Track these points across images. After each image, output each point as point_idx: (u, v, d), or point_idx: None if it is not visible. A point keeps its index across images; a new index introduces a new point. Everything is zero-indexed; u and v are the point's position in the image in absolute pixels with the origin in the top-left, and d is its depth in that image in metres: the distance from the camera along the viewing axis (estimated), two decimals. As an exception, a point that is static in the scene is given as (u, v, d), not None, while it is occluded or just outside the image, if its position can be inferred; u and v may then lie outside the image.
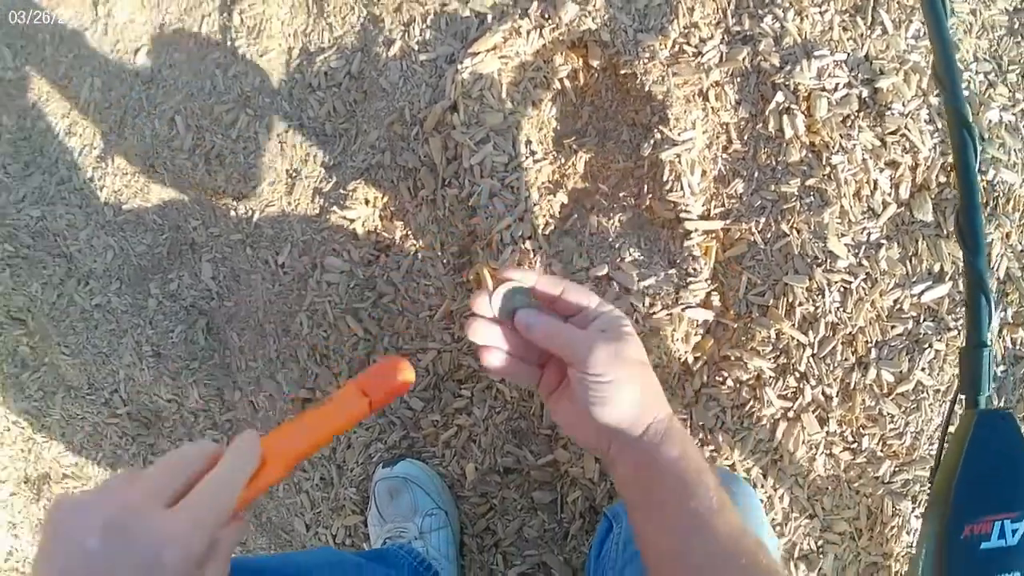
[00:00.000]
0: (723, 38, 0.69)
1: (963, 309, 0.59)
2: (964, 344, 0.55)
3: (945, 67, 0.48)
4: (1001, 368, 0.69)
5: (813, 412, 0.68)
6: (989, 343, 0.54)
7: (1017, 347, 0.69)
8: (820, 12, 0.66)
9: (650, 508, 0.39)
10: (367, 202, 0.76)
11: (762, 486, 0.71)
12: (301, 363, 0.81)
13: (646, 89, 0.69)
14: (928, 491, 0.62)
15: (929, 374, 0.67)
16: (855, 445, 0.69)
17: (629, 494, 0.40)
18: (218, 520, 0.32)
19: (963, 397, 0.56)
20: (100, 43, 0.93)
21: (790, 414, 0.68)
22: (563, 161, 0.74)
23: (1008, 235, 0.68)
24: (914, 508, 0.69)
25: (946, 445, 0.56)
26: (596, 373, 0.38)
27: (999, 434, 0.53)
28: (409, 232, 0.75)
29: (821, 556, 0.71)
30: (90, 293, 0.93)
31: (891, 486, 0.69)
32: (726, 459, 0.69)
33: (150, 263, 0.89)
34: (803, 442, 0.69)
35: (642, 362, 0.40)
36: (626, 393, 0.39)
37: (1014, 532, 0.53)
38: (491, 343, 0.42)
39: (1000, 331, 0.69)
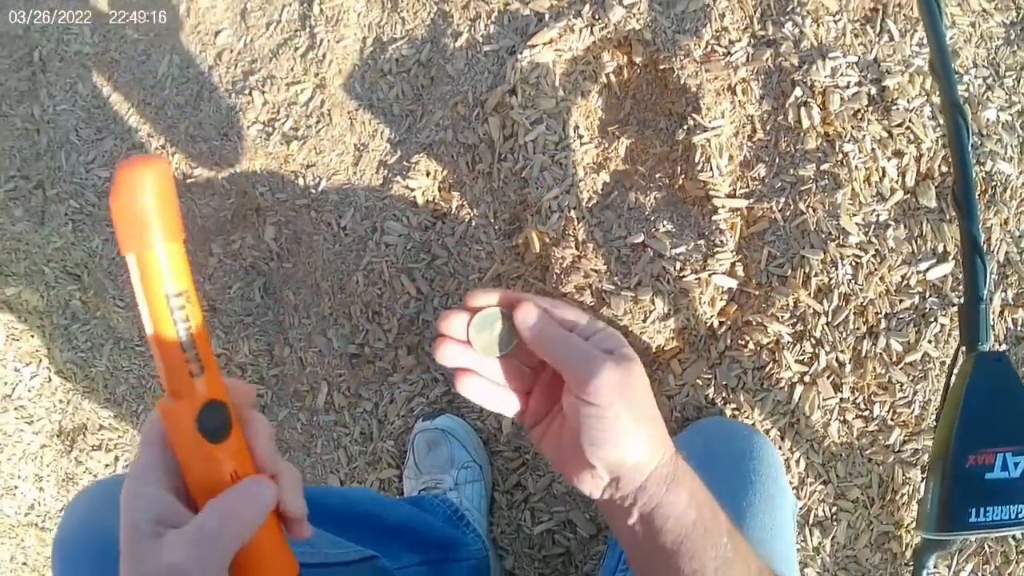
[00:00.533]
0: (749, 41, 0.82)
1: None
2: (963, 300, 0.65)
3: (939, 59, 0.60)
4: (1003, 347, 0.79)
5: (828, 377, 0.78)
6: (985, 298, 0.62)
7: (1018, 328, 0.79)
8: (834, 20, 0.80)
9: (656, 560, 0.36)
10: (428, 174, 0.88)
11: (780, 448, 0.79)
12: (353, 320, 0.91)
13: (682, 82, 0.82)
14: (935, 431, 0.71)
15: (935, 346, 0.77)
16: (867, 412, 0.78)
17: (630, 544, 0.37)
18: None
19: (963, 349, 0.65)
20: (181, 25, 1.07)
21: (806, 378, 0.78)
22: (606, 145, 0.86)
23: (1006, 221, 0.79)
24: (923, 478, 0.78)
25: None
26: (598, 404, 0.34)
27: (997, 373, 0.60)
28: (465, 202, 0.87)
29: (835, 523, 0.79)
30: (152, 252, 1.03)
31: (901, 455, 0.78)
32: (747, 418, 0.79)
33: (214, 224, 1.00)
34: (819, 406, 0.78)
35: (648, 392, 0.36)
36: (631, 431, 0.34)
37: (1016, 465, 0.58)
38: (465, 366, 0.38)
39: (1001, 312, 0.79)
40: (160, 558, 0.27)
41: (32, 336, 1.10)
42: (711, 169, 0.79)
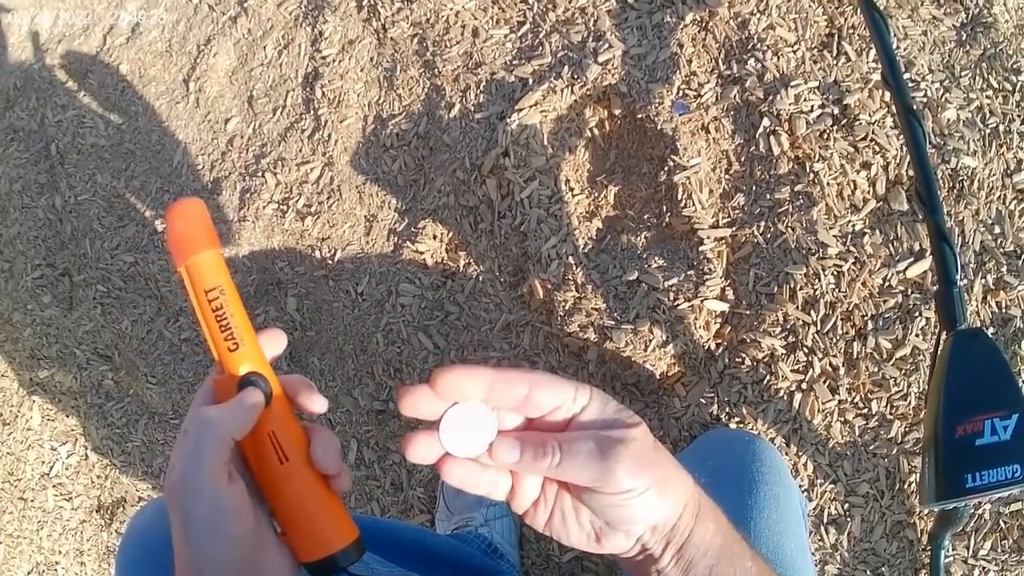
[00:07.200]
0: (716, 81, 1.13)
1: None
2: (937, 287, 0.84)
3: (889, 69, 0.84)
4: (991, 331, 1.06)
5: (824, 382, 1.06)
6: (957, 282, 0.82)
7: (1002, 310, 1.05)
8: (793, 51, 1.11)
9: None
10: (435, 237, 1.21)
11: (786, 454, 1.07)
12: (376, 378, 1.24)
13: (658, 128, 1.14)
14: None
15: (923, 339, 1.04)
16: (866, 410, 1.05)
17: None
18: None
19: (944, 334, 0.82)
20: (192, 115, 1.45)
21: (803, 385, 1.06)
22: (596, 194, 1.18)
23: (977, 212, 1.06)
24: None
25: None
26: (626, 490, 0.41)
27: (976, 347, 0.76)
28: (471, 260, 1.19)
29: (849, 519, 1.05)
30: (179, 328, 1.38)
31: (904, 446, 1.04)
32: (751, 428, 1.07)
33: (240, 301, 1.35)
34: (819, 410, 1.06)
35: (660, 445, 0.43)
36: (664, 493, 0.42)
37: (1005, 428, 0.72)
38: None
39: (984, 297, 1.06)
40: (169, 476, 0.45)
41: (67, 416, 1.45)
42: (693, 204, 1.11)
